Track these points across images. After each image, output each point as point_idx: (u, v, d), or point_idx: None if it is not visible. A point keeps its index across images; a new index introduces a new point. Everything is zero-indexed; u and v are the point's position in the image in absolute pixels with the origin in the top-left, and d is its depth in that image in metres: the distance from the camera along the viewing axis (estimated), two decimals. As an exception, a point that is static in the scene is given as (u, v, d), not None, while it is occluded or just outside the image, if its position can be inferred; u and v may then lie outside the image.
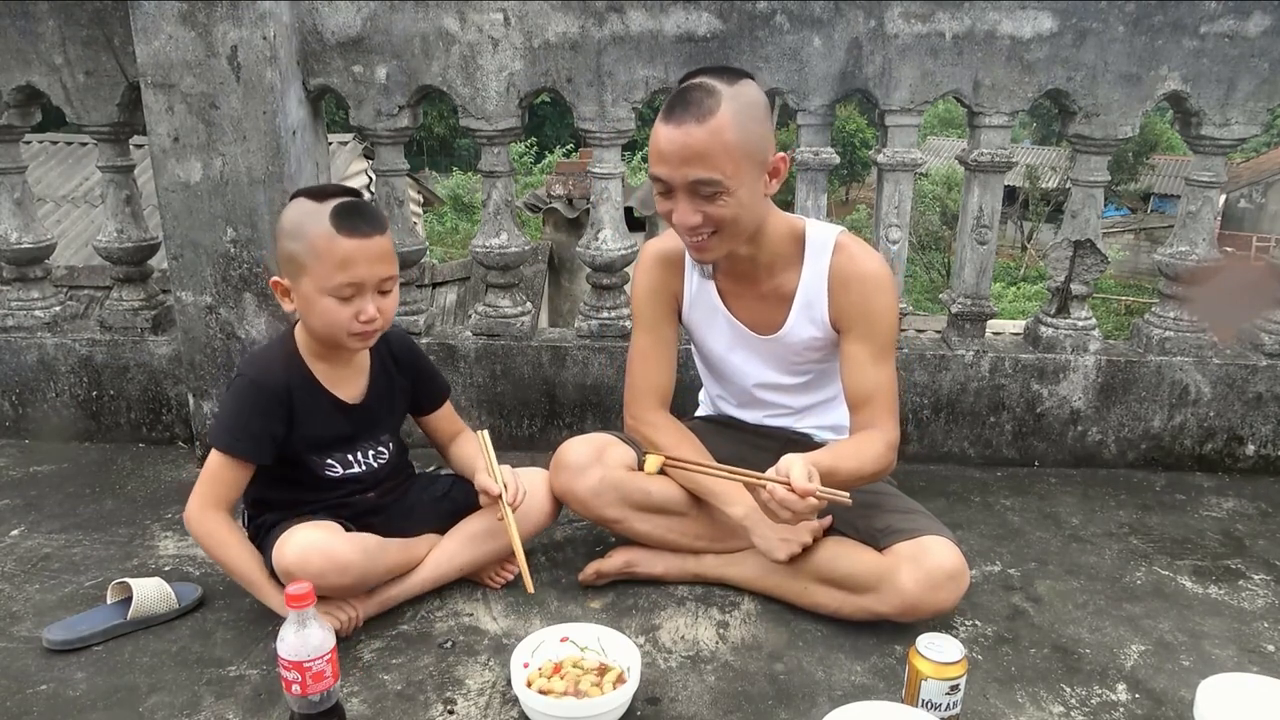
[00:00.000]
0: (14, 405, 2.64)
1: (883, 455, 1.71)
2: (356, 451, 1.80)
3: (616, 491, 1.84)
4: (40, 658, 1.67)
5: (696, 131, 1.55)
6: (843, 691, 1.59)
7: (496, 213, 2.50)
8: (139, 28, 2.14)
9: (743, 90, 1.60)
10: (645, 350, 1.93)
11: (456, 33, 2.28)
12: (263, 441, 1.67)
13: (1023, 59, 2.27)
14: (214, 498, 1.68)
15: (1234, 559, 2.08)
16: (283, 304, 1.69)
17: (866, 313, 1.75)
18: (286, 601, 1.37)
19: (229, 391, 1.74)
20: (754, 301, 1.85)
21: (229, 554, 1.70)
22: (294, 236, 1.62)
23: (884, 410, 1.75)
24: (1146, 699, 1.60)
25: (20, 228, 2.57)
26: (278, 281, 1.68)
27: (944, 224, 20.61)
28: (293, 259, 1.63)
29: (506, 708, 1.54)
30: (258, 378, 1.69)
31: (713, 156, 1.56)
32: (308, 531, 1.62)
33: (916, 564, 1.67)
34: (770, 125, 1.66)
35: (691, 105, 1.56)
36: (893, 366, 1.78)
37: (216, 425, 1.71)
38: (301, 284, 1.63)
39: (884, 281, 1.76)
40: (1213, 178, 2.39)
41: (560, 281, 8.18)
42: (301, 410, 1.70)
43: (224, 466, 1.68)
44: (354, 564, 1.64)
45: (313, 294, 1.62)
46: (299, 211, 1.63)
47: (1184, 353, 2.47)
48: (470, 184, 21.07)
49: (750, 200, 1.64)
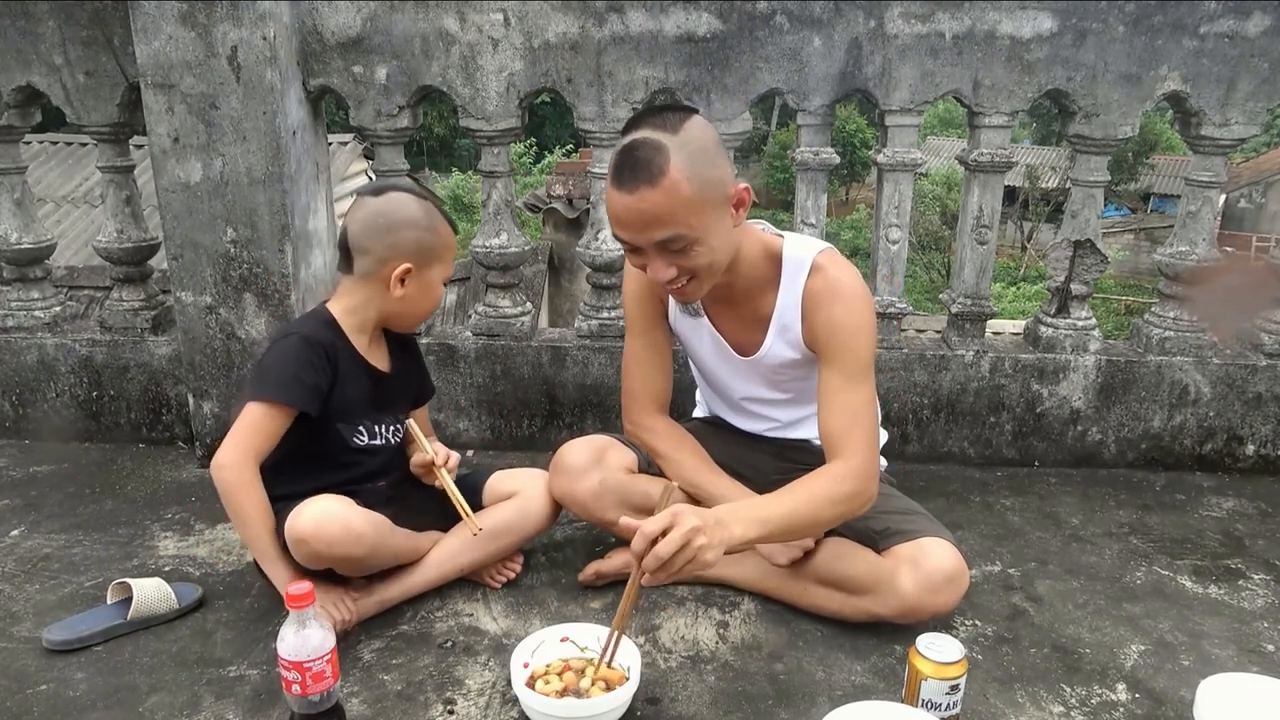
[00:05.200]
0: (14, 405, 2.64)
1: (836, 484, 1.61)
2: (380, 424, 1.84)
3: (617, 494, 1.84)
4: (40, 658, 1.67)
5: (651, 195, 1.50)
6: (843, 691, 1.59)
7: (496, 213, 2.50)
8: (139, 28, 2.14)
9: (689, 135, 1.53)
10: (639, 355, 1.92)
11: (456, 33, 2.28)
12: (311, 391, 1.70)
13: (1023, 59, 2.27)
14: (254, 449, 1.67)
15: (1234, 559, 2.08)
16: (393, 290, 1.74)
17: (840, 336, 1.67)
18: (286, 602, 1.37)
19: (274, 350, 1.75)
20: (735, 320, 1.83)
21: (251, 512, 1.68)
22: (430, 229, 1.75)
23: (853, 439, 1.64)
24: (1146, 699, 1.60)
25: (20, 228, 2.57)
26: (406, 269, 1.73)
27: (944, 224, 20.59)
28: (429, 249, 1.75)
29: (506, 708, 1.55)
30: (310, 335, 1.73)
31: (673, 215, 1.51)
32: (324, 501, 1.63)
33: (915, 566, 1.67)
34: (724, 157, 1.60)
35: (640, 167, 1.50)
36: (869, 391, 1.69)
37: (260, 379, 1.71)
38: (432, 271, 1.77)
39: (858, 304, 1.68)
40: (1212, 178, 2.39)
41: (560, 281, 8.18)
42: (343, 372, 1.75)
43: (267, 418, 1.67)
44: (367, 534, 1.65)
45: (435, 280, 1.78)
46: (420, 207, 1.74)
47: (1184, 353, 2.47)
48: (470, 184, 21.04)
49: (721, 241, 1.59)
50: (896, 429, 2.51)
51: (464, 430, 2.59)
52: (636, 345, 1.92)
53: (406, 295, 1.76)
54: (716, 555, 1.42)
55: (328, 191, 2.53)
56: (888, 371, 2.49)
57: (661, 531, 1.38)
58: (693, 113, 1.59)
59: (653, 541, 1.38)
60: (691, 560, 1.39)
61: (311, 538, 1.58)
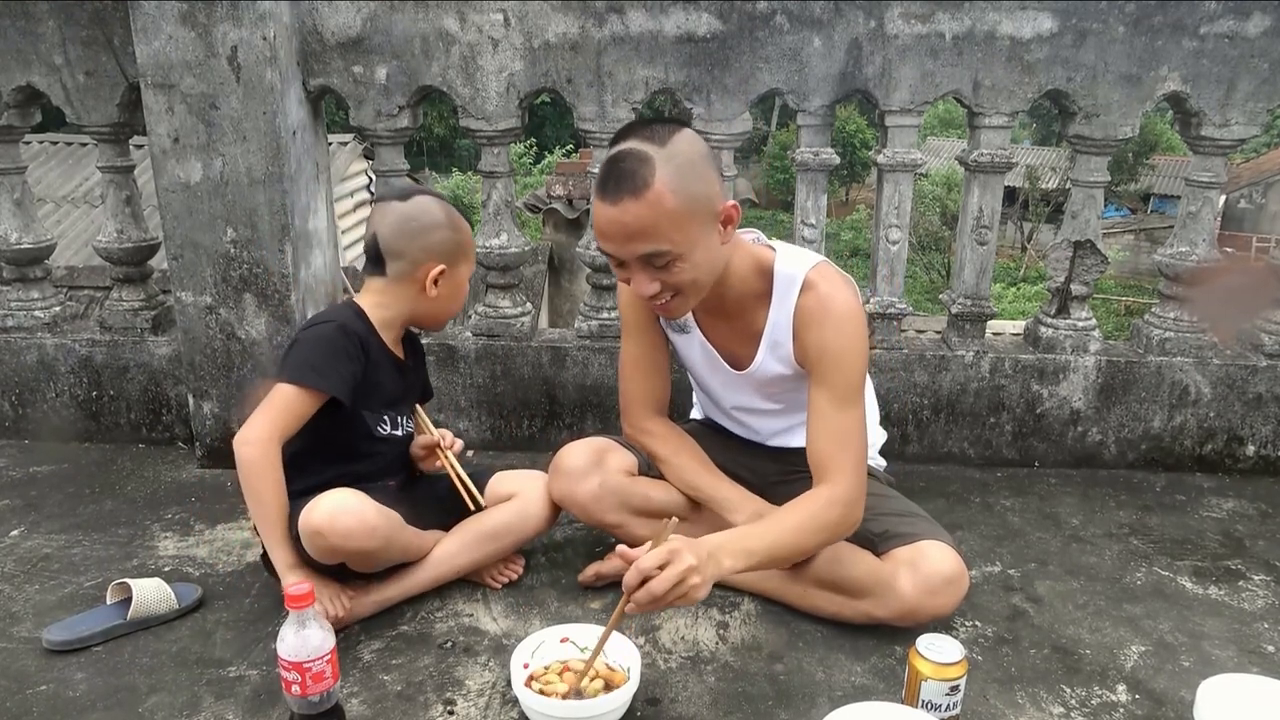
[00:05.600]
0: (14, 406, 2.64)
1: (823, 511, 1.61)
2: (400, 415, 1.87)
3: (617, 497, 1.84)
4: (40, 658, 1.67)
5: (634, 207, 1.47)
6: (843, 692, 1.59)
7: (496, 213, 2.50)
8: (139, 28, 2.14)
9: (677, 148, 1.50)
10: (635, 358, 1.91)
11: (456, 33, 2.28)
12: (345, 379, 1.71)
13: (1023, 59, 2.27)
14: (281, 429, 1.67)
15: (1234, 559, 2.08)
16: (427, 290, 1.79)
17: (830, 358, 1.65)
18: (286, 602, 1.37)
19: (308, 337, 1.75)
20: (727, 333, 1.81)
21: (269, 489, 1.67)
22: (457, 229, 1.81)
23: (842, 463, 1.63)
24: (1147, 699, 1.60)
25: (20, 228, 2.57)
26: (442, 269, 1.79)
27: (944, 224, 20.59)
28: (457, 248, 1.81)
29: (506, 708, 1.54)
30: (344, 324, 1.75)
31: (657, 229, 1.49)
32: (339, 494, 1.64)
33: (914, 570, 1.67)
34: (714, 172, 1.56)
35: (625, 179, 1.48)
36: (858, 413, 1.67)
37: (293, 363, 1.70)
38: (460, 269, 1.83)
39: (850, 323, 1.65)
40: (1213, 178, 2.39)
41: (560, 282, 8.18)
42: (374, 361, 1.78)
43: (298, 400, 1.68)
44: (381, 527, 1.66)
45: (464, 279, 1.85)
46: (444, 209, 1.81)
47: (1184, 353, 2.47)
48: (470, 184, 21.03)
49: (706, 257, 1.57)
50: (896, 429, 2.51)
51: (464, 431, 2.59)
52: (633, 348, 1.91)
53: (440, 295, 1.82)
54: (706, 592, 1.43)
55: (328, 191, 2.53)
56: (888, 372, 2.49)
57: (658, 567, 1.38)
58: (683, 126, 1.57)
59: (646, 576, 1.38)
60: (682, 597, 1.40)
61: (327, 530, 1.59)
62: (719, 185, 1.58)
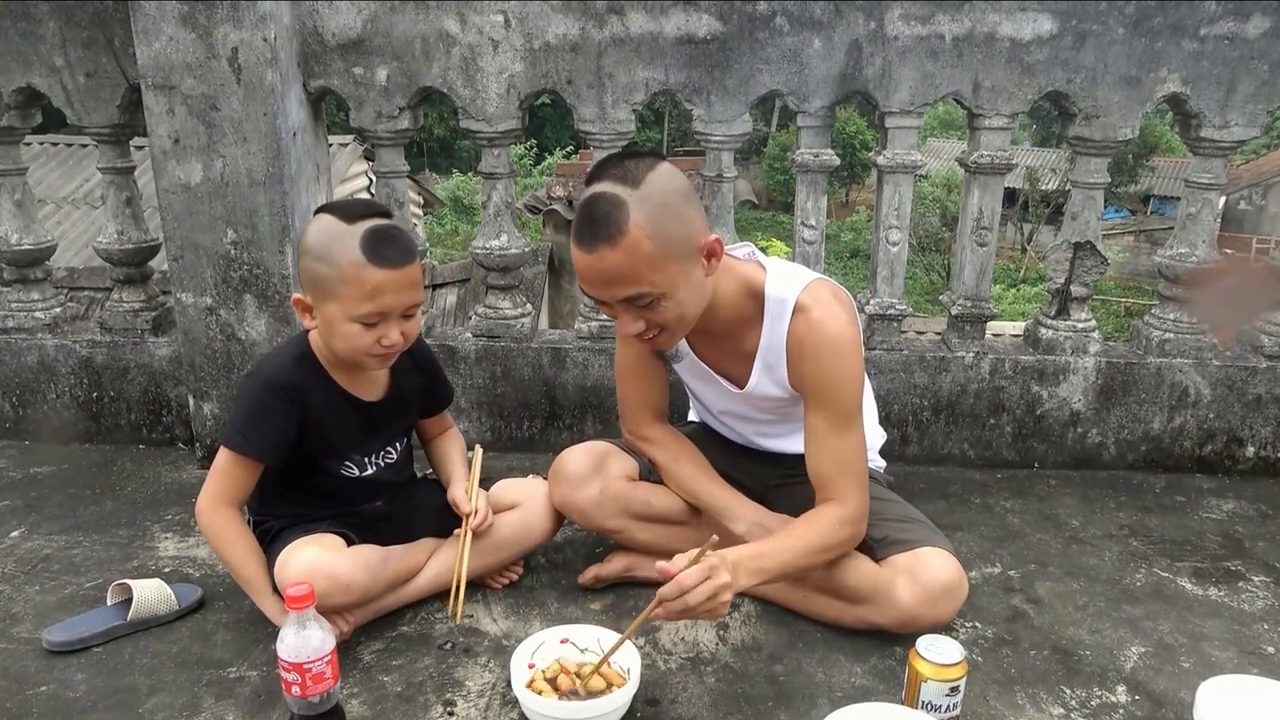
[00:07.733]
0: (14, 406, 2.64)
1: (833, 532, 1.64)
2: (372, 454, 1.80)
3: (617, 503, 1.84)
4: (40, 659, 1.67)
5: (610, 255, 1.46)
6: (843, 693, 1.59)
7: (497, 214, 2.51)
8: (140, 29, 2.14)
9: (651, 188, 1.48)
10: (631, 364, 1.89)
11: (457, 34, 2.28)
12: (273, 442, 1.66)
13: (1022, 61, 2.27)
14: (225, 494, 1.67)
15: (1234, 561, 2.08)
16: (303, 321, 1.66)
17: (826, 382, 1.64)
18: (286, 603, 1.38)
19: (242, 391, 1.72)
20: (719, 353, 1.80)
21: (235, 553, 1.69)
22: (322, 259, 1.57)
23: (845, 485, 1.65)
24: (1146, 701, 1.60)
25: (21, 229, 2.57)
26: (300, 299, 1.64)
27: (944, 226, 20.60)
28: (319, 282, 1.58)
29: (506, 709, 1.55)
30: (271, 377, 1.67)
31: (635, 273, 1.48)
32: (311, 549, 1.61)
33: (913, 577, 1.66)
34: (693, 207, 1.54)
35: (600, 226, 1.46)
36: (858, 435, 1.68)
37: (229, 423, 1.69)
38: (326, 308, 1.59)
39: (844, 347, 1.63)
40: (1212, 180, 2.39)
41: (560, 283, 8.18)
42: (317, 412, 1.69)
43: (234, 464, 1.67)
44: (356, 582, 1.64)
45: (337, 319, 1.59)
46: (327, 233, 1.57)
47: (1184, 355, 2.47)
48: (470, 186, 21.06)
49: (690, 294, 1.55)
50: (896, 431, 2.51)
51: (464, 432, 2.56)
52: (630, 354, 1.88)
53: (322, 331, 1.64)
54: (727, 607, 1.48)
55: (328, 193, 2.53)
56: (888, 373, 2.49)
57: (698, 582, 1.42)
58: (659, 160, 1.54)
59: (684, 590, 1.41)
60: (709, 611, 1.45)
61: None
62: (699, 220, 1.56)
